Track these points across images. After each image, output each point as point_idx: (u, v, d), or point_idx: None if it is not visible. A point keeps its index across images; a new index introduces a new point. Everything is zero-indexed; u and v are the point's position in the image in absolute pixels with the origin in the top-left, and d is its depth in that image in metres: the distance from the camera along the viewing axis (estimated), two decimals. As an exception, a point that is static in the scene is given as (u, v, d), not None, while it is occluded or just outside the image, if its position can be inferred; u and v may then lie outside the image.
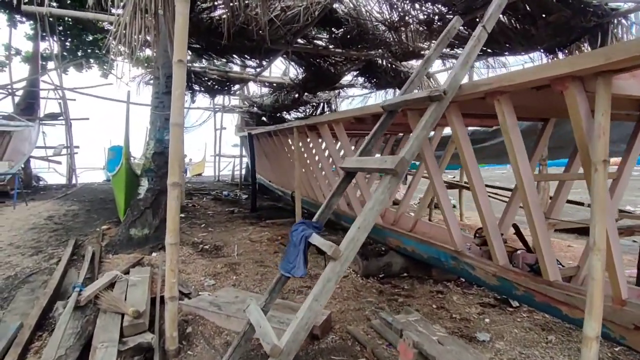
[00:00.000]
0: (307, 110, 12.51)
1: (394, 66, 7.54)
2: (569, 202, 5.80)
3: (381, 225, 4.57)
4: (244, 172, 14.79)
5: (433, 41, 5.61)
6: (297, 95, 10.12)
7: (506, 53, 5.82)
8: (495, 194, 7.28)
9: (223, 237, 5.94)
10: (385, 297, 3.79)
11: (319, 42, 6.04)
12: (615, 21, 5.31)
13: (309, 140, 5.55)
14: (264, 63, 7.25)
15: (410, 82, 2.82)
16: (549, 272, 2.52)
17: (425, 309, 3.49)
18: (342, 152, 5.52)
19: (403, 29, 4.85)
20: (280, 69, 11.26)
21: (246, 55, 6.85)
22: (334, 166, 5.73)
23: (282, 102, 10.45)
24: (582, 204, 7.20)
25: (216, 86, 9.23)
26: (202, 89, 9.36)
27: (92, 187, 12.32)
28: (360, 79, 8.56)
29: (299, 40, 6.09)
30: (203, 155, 20.38)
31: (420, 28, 4.85)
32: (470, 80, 7.30)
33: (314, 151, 5.84)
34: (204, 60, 8.80)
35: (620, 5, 4.99)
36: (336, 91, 11.68)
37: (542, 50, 5.52)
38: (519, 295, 2.81)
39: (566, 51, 5.74)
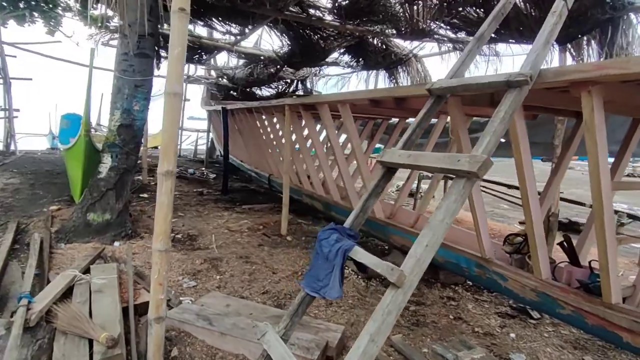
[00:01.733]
0: (280, 87, 11.78)
1: (385, 46, 7.03)
2: (567, 200, 5.68)
3: (384, 221, 4.14)
4: (210, 148, 13.86)
5: (440, 23, 5.14)
6: (274, 70, 9.38)
7: (511, 40, 5.49)
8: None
9: (196, 225, 5.28)
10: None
11: (315, 12, 5.38)
12: (625, 17, 5.12)
13: (301, 121, 4.96)
14: (247, 31, 6.46)
15: (460, 62, 2.34)
16: (612, 293, 2.19)
17: (442, 321, 3.12)
18: (341, 138, 4.98)
19: (421, 2, 4.34)
20: (251, 42, 10.41)
21: (227, 21, 6.04)
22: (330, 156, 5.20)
23: (257, 76, 9.65)
24: (583, 204, 7.15)
25: (186, 53, 8.26)
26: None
27: (34, 156, 10.92)
28: (346, 57, 7.98)
29: (291, 8, 5.40)
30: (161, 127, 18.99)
31: (437, 2, 4.36)
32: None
33: (305, 133, 5.26)
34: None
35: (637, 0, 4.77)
36: (314, 69, 11.02)
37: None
38: (564, 315, 2.49)
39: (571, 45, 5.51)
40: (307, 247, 4.68)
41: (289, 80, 11.22)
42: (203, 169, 11.00)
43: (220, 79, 12.51)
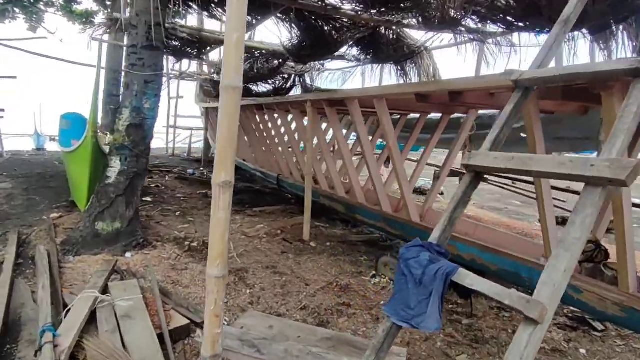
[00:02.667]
0: (277, 82, 11.38)
1: (397, 38, 6.72)
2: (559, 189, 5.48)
3: (422, 225, 3.87)
4: (205, 146, 13.43)
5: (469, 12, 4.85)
6: (277, 64, 8.99)
7: (537, 29, 5.23)
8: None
9: (207, 230, 4.90)
10: (445, 318, 3.12)
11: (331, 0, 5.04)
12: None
13: (317, 118, 4.63)
14: (254, 22, 6.08)
15: (547, 50, 2.05)
16: None
17: (502, 336, 2.86)
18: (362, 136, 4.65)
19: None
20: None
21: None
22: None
23: (257, 71, 9.25)
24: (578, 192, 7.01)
25: (185, 47, 7.83)
26: (169, 50, 7.92)
27: (22, 157, 10.38)
28: (355, 50, 7.64)
29: (305, -4, 5.05)
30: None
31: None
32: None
33: (328, 131, 4.92)
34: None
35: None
36: (315, 64, 10.66)
37: (584, 31, 4.98)
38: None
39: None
40: (334, 254, 4.38)
41: (286, 76, 10.84)
42: (202, 168, 10.58)
43: (215, 75, 12.06)
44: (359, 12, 5.28)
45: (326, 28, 5.92)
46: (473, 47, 6.90)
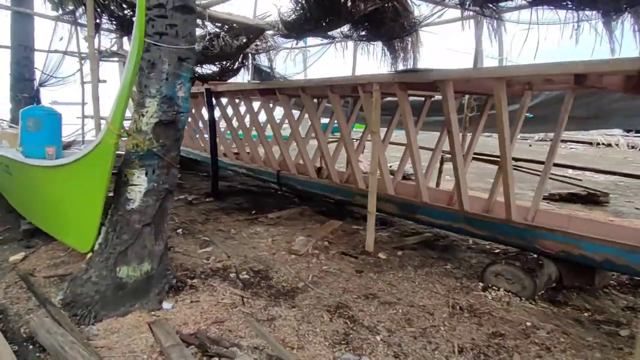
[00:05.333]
0: (226, 63, 10.02)
1: (401, 11, 6.10)
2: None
3: (526, 224, 3.39)
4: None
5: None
6: (244, 42, 7.75)
7: (569, 3, 5.00)
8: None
9: (242, 251, 3.88)
10: (590, 331, 2.70)
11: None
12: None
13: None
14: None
15: None
16: None
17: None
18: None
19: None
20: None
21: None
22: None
23: (220, 49, 7.89)
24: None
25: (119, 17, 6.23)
26: (113, 18, 6.26)
27: None
28: (344, 28, 6.82)
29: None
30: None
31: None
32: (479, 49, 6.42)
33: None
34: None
35: None
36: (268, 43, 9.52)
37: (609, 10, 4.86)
38: None
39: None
40: (415, 265, 3.71)
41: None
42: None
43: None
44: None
45: (342, -4, 5.01)
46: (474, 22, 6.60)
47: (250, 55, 10.10)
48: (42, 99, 9.91)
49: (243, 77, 11.53)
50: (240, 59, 9.98)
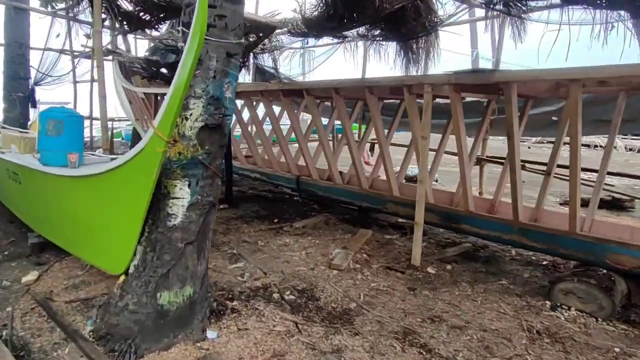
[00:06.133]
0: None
1: (423, 10, 5.84)
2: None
3: (595, 237, 3.14)
4: (135, 139, 10.99)
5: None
6: (253, 39, 7.40)
7: (603, 2, 4.81)
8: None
9: (277, 266, 3.54)
10: None
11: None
12: None
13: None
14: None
15: None
16: None
17: None
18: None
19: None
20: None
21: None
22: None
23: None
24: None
25: (146, 13, 5.86)
26: (119, 14, 5.88)
27: None
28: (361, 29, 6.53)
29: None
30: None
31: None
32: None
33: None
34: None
35: None
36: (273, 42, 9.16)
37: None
38: None
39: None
40: (470, 281, 3.42)
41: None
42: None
43: (150, 54, 9.76)
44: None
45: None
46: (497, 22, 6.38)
47: (252, 54, 9.79)
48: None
49: (244, 78, 11.16)
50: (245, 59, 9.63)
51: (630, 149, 16.21)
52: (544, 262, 4.01)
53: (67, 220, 2.82)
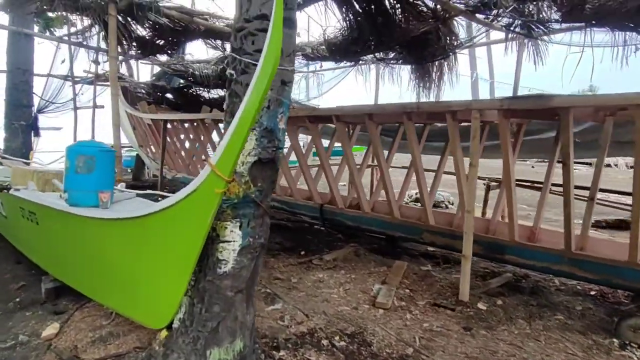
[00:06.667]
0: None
1: (444, 32, 5.79)
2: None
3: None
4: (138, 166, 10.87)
5: None
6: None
7: (630, 24, 4.79)
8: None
9: (314, 307, 3.28)
10: None
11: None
12: None
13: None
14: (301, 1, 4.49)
15: None
16: None
17: None
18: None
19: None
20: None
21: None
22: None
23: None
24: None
25: (160, 38, 5.72)
26: (133, 43, 5.73)
27: None
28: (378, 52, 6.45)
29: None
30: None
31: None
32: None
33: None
34: None
35: None
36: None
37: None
38: None
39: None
40: (524, 317, 3.19)
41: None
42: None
43: (156, 79, 9.65)
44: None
45: (397, 12, 4.65)
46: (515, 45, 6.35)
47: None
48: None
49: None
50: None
51: (632, 167, 16.22)
52: (592, 292, 3.81)
53: (96, 266, 2.55)
